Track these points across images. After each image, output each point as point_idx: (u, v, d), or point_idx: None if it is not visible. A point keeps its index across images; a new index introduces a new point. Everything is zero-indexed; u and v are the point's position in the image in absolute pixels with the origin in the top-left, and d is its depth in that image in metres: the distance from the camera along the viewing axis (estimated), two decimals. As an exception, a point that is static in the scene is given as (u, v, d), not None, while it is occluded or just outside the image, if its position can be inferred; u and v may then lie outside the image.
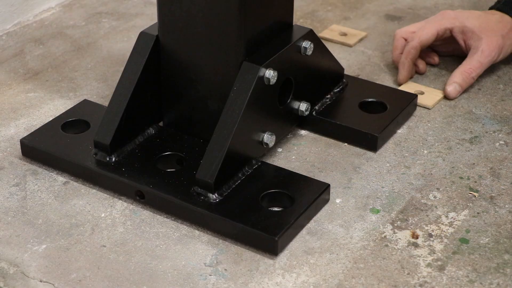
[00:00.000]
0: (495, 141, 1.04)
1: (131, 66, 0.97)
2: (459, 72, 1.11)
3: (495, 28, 1.12)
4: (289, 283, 0.83)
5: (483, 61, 1.11)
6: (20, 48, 1.26)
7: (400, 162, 1.00)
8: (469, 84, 1.12)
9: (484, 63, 1.12)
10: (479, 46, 1.11)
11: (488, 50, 1.11)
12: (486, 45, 1.11)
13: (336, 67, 1.08)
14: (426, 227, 0.90)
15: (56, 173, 0.98)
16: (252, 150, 0.95)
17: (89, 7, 1.38)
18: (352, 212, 0.92)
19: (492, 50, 1.11)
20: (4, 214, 0.92)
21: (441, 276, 0.84)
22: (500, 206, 0.93)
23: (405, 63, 1.14)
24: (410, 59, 1.13)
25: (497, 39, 1.11)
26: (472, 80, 1.12)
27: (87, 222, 0.91)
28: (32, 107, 1.11)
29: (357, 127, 1.02)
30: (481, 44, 1.11)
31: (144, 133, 1.00)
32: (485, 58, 1.11)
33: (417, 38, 1.13)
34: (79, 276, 0.84)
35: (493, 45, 1.11)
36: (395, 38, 1.18)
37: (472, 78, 1.11)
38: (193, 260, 0.86)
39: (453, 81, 1.11)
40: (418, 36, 1.13)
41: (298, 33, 0.99)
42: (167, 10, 0.95)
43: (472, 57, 1.12)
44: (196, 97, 0.98)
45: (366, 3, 1.39)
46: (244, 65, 0.92)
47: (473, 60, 1.11)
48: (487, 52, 1.11)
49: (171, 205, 0.91)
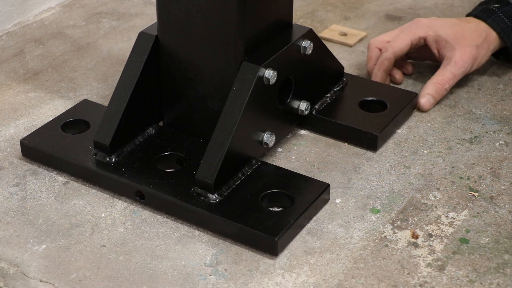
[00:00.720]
0: (495, 141, 1.04)
1: (130, 66, 0.97)
2: (432, 83, 1.10)
3: (469, 37, 1.10)
4: (289, 283, 0.83)
5: (456, 72, 1.10)
6: (20, 48, 1.26)
7: (400, 162, 1.00)
8: (442, 95, 1.10)
9: (457, 74, 1.10)
10: (452, 56, 1.10)
11: (462, 61, 1.09)
12: (459, 56, 1.10)
13: (336, 66, 1.08)
14: (426, 227, 0.90)
15: (56, 173, 0.98)
16: (252, 150, 0.95)
17: (89, 7, 1.38)
18: (352, 212, 0.92)
19: (465, 61, 1.10)
20: (4, 214, 0.92)
21: (441, 276, 0.84)
22: (500, 206, 0.93)
23: (377, 74, 1.13)
24: (383, 70, 1.12)
25: (471, 50, 1.10)
26: (445, 92, 1.10)
27: (87, 222, 0.91)
28: (32, 107, 1.11)
29: (357, 126, 1.02)
30: (454, 55, 1.10)
31: (144, 133, 1.00)
32: (458, 70, 1.10)
33: (390, 49, 1.12)
34: (79, 276, 0.84)
35: (466, 56, 1.10)
36: (369, 49, 1.16)
37: (445, 89, 1.10)
38: (193, 260, 0.86)
39: (426, 93, 1.09)
40: (392, 47, 1.12)
41: (297, 32, 0.99)
42: (166, 10, 0.95)
43: (445, 68, 1.10)
44: (196, 97, 0.98)
45: (366, 3, 1.39)
46: (244, 65, 0.92)
47: (446, 71, 1.10)
48: (460, 63, 1.10)
49: (171, 205, 0.91)
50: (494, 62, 1.19)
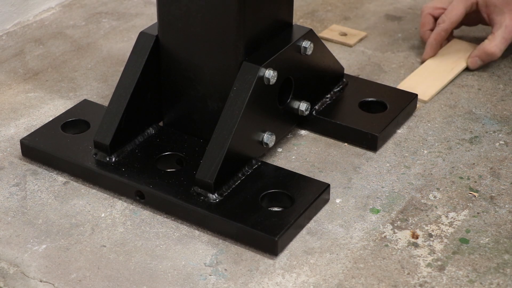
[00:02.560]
0: (495, 141, 1.04)
1: (130, 66, 0.97)
2: (482, 47, 1.14)
3: None
4: (289, 283, 0.83)
5: (507, 36, 1.13)
6: (20, 48, 1.26)
7: (400, 162, 1.00)
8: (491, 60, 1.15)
9: (508, 38, 1.13)
10: (502, 21, 1.13)
11: None
12: (509, 20, 1.12)
13: (336, 66, 1.08)
14: (426, 227, 0.90)
15: (56, 173, 0.98)
16: (252, 150, 0.95)
17: (89, 7, 1.38)
18: (352, 212, 0.92)
19: None
20: (4, 214, 0.92)
21: (441, 276, 0.84)
22: (500, 206, 0.93)
23: (433, 44, 1.17)
24: (439, 41, 1.17)
25: None
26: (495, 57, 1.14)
27: (87, 222, 0.91)
28: (32, 107, 1.11)
29: (357, 126, 1.02)
30: (504, 19, 1.12)
31: (144, 133, 1.00)
32: (509, 34, 1.13)
33: (447, 20, 1.15)
34: (79, 276, 0.84)
35: None
36: (422, 15, 1.20)
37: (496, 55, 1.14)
38: (193, 260, 0.86)
39: (475, 55, 1.14)
40: (449, 18, 1.15)
41: (298, 32, 0.99)
42: (166, 10, 0.95)
43: (496, 33, 1.13)
44: (196, 96, 0.98)
45: (366, 3, 1.39)
46: (244, 65, 0.92)
47: (497, 36, 1.13)
48: (510, 27, 1.12)
49: (171, 205, 0.91)
50: (494, 62, 1.19)
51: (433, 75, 1.15)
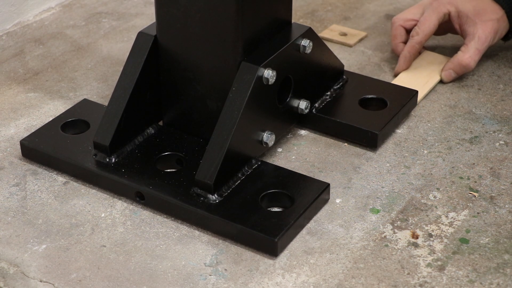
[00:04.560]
0: (495, 141, 1.03)
1: (129, 67, 0.97)
2: (456, 59, 1.13)
3: (489, 11, 1.12)
4: (289, 283, 0.83)
5: (480, 47, 1.12)
6: (20, 48, 1.26)
7: (400, 162, 1.00)
8: (464, 72, 1.14)
9: (481, 49, 1.13)
10: (475, 32, 1.12)
11: (484, 36, 1.12)
12: (482, 31, 1.12)
13: (336, 64, 1.08)
14: (426, 227, 0.90)
15: (56, 173, 0.98)
16: (251, 150, 0.95)
17: (89, 7, 1.38)
18: (352, 212, 0.92)
19: (487, 35, 1.12)
20: (4, 214, 0.92)
21: (441, 276, 0.83)
22: (500, 206, 0.93)
23: (407, 57, 1.15)
24: (413, 53, 1.15)
25: (492, 24, 1.12)
26: (470, 69, 1.13)
27: (87, 222, 0.91)
28: (32, 107, 1.11)
29: (357, 124, 1.02)
30: (477, 30, 1.12)
31: (144, 133, 1.00)
32: (482, 45, 1.12)
33: (421, 33, 1.14)
34: (79, 276, 0.84)
35: (488, 31, 1.12)
36: (393, 27, 1.19)
37: (470, 66, 1.13)
38: (193, 260, 0.86)
39: (449, 68, 1.13)
40: (422, 30, 1.14)
41: (297, 31, 0.99)
42: (165, 10, 0.95)
43: (469, 44, 1.12)
44: (195, 96, 0.98)
45: (366, 3, 1.39)
46: (243, 65, 0.92)
47: (470, 47, 1.12)
48: (483, 38, 1.12)
49: (171, 206, 0.91)
50: (494, 62, 1.19)
51: None
